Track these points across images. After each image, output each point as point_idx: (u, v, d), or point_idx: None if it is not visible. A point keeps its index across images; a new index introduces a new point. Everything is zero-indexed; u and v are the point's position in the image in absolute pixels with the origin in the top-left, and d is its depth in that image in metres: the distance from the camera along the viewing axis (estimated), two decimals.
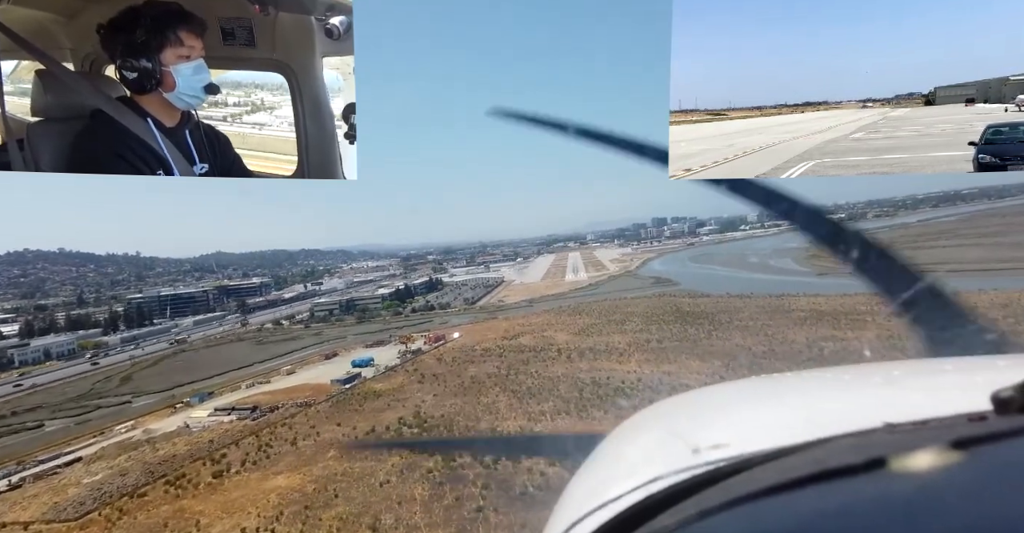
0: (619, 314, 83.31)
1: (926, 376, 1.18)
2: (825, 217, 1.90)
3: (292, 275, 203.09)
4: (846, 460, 0.63)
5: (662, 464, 0.90)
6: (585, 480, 1.13)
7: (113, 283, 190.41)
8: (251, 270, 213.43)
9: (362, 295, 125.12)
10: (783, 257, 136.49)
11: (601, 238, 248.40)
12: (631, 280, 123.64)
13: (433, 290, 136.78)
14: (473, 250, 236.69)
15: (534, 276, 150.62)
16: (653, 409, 1.36)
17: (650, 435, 1.19)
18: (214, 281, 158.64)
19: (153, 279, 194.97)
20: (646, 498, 0.82)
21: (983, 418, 0.71)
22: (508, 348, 67.47)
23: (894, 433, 0.78)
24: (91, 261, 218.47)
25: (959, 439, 0.60)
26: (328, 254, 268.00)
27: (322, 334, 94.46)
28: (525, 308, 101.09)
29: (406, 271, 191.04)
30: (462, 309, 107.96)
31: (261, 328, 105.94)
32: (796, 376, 1.34)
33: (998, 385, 0.70)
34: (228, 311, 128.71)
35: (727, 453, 0.86)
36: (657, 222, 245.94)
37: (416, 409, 46.85)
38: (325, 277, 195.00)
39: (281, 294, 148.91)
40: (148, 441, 43.75)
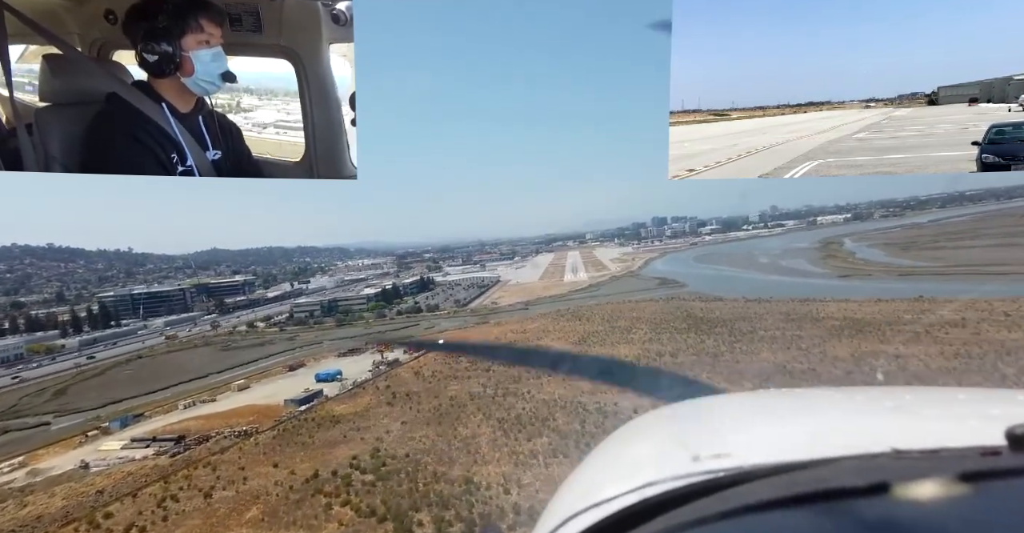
0: (624, 320, 73.22)
1: (938, 405, 1.14)
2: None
3: (283, 273, 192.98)
4: (850, 482, 0.61)
5: (660, 469, 0.88)
6: (581, 479, 1.10)
7: (101, 279, 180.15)
8: (244, 267, 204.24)
9: (346, 296, 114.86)
10: (795, 257, 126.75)
11: (601, 237, 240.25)
12: (634, 281, 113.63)
13: (424, 290, 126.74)
14: (471, 248, 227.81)
15: (531, 276, 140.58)
16: (656, 414, 1.31)
17: (651, 439, 1.15)
18: (192, 279, 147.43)
19: (143, 276, 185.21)
20: (640, 501, 0.80)
21: (996, 453, 0.68)
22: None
23: (901, 459, 0.75)
24: (81, 257, 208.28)
25: (969, 472, 0.57)
26: (325, 251, 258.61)
27: (296, 339, 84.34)
28: (520, 311, 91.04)
29: (401, 270, 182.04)
30: (452, 311, 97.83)
31: (232, 331, 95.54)
32: (805, 393, 1.30)
33: (1014, 420, 0.67)
34: (204, 311, 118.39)
35: (728, 463, 0.84)
36: (657, 221, 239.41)
37: (376, 444, 36.85)
38: (316, 275, 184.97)
39: (265, 293, 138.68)
40: (22, 490, 33.46)
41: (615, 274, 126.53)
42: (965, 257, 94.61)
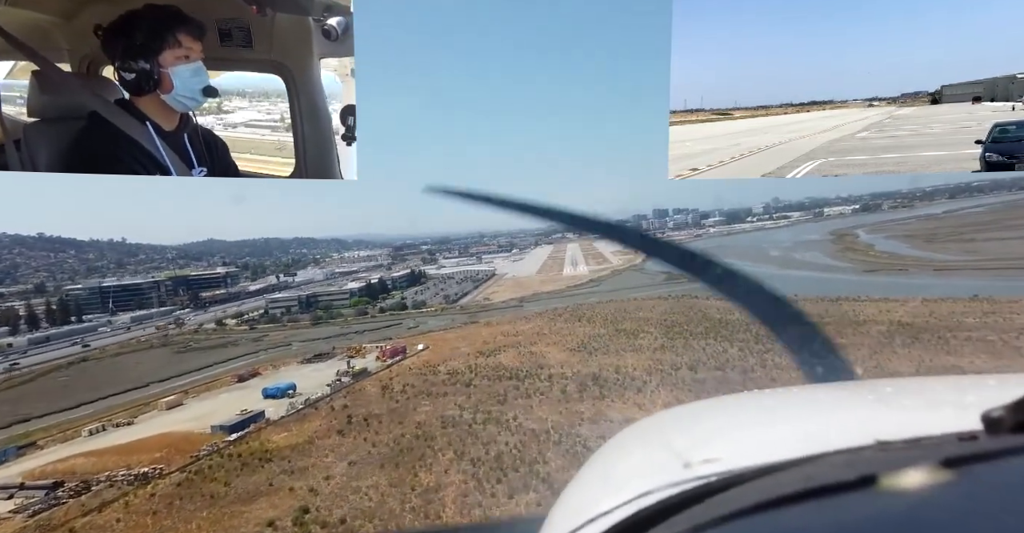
0: (630, 321, 63.38)
1: (917, 394, 1.15)
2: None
3: (276, 265, 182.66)
4: (837, 477, 0.61)
5: (653, 478, 0.86)
6: (575, 494, 1.08)
7: (90, 270, 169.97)
8: (238, 259, 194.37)
9: (328, 290, 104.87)
10: (809, 250, 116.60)
11: None
12: (638, 275, 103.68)
13: (414, 284, 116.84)
14: (470, 240, 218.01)
15: (529, 269, 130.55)
16: (644, 423, 1.30)
17: (641, 449, 1.15)
18: (169, 271, 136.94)
19: (134, 266, 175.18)
20: (636, 513, 0.79)
21: (974, 437, 0.69)
22: (482, 371, 47.57)
23: (885, 451, 0.76)
24: (72, 247, 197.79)
25: (949, 458, 0.59)
26: (322, 243, 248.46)
27: (264, 339, 74.60)
28: (514, 309, 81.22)
29: (395, 262, 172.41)
30: (440, 308, 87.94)
31: (198, 329, 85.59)
32: (787, 392, 1.30)
33: (988, 405, 0.68)
34: (177, 306, 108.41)
35: (718, 468, 0.84)
36: (659, 214, 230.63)
37: (307, 499, 27.06)
38: (309, 267, 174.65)
39: (246, 286, 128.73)
40: None
41: (617, 267, 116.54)
42: (1003, 250, 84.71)
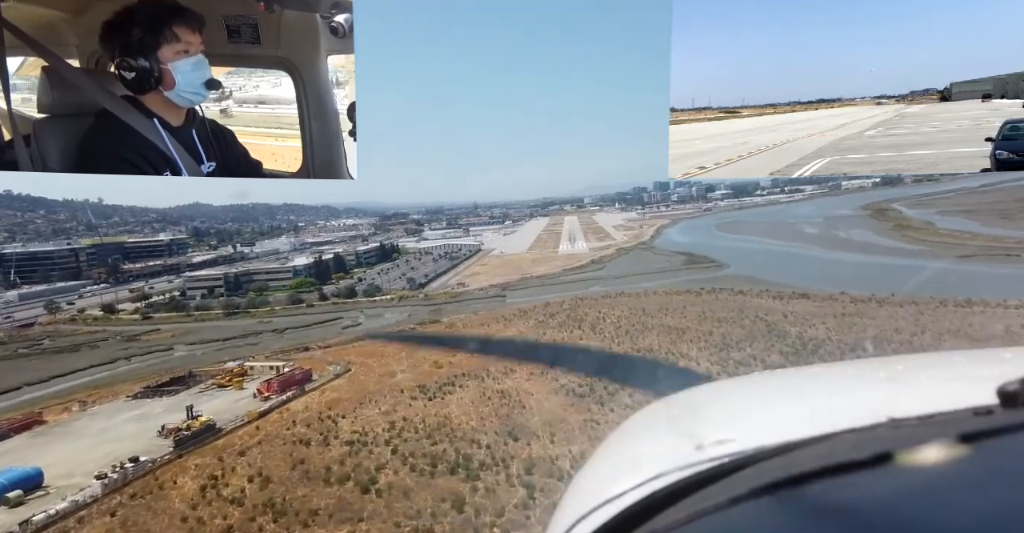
0: (652, 332, 41.04)
1: (930, 370, 1.11)
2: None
3: (249, 233, 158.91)
4: (851, 455, 0.60)
5: (666, 461, 0.85)
6: (589, 477, 1.07)
7: (56, 231, 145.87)
8: (217, 225, 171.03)
9: (267, 267, 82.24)
10: (851, 227, 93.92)
11: (600, 201, 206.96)
12: (649, 256, 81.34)
13: (383, 260, 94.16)
14: (464, 211, 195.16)
15: (520, 244, 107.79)
16: (657, 406, 1.27)
17: (654, 432, 1.12)
18: (95, 238, 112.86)
19: (105, 229, 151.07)
20: (650, 495, 0.78)
21: (989, 412, 0.66)
22: (408, 441, 25.58)
23: (899, 428, 0.73)
24: (42, 206, 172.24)
25: (965, 433, 0.57)
26: (311, 210, 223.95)
27: (143, 339, 52.51)
28: (495, 301, 58.95)
29: (379, 232, 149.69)
30: (398, 296, 65.67)
31: (75, 317, 63.16)
32: (799, 372, 1.27)
33: (1004, 378, 0.65)
34: (91, 281, 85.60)
35: (731, 449, 0.82)
36: (660, 185, 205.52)
37: None
38: (282, 236, 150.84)
39: (190, 258, 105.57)
40: None
41: (622, 245, 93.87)
42: None
